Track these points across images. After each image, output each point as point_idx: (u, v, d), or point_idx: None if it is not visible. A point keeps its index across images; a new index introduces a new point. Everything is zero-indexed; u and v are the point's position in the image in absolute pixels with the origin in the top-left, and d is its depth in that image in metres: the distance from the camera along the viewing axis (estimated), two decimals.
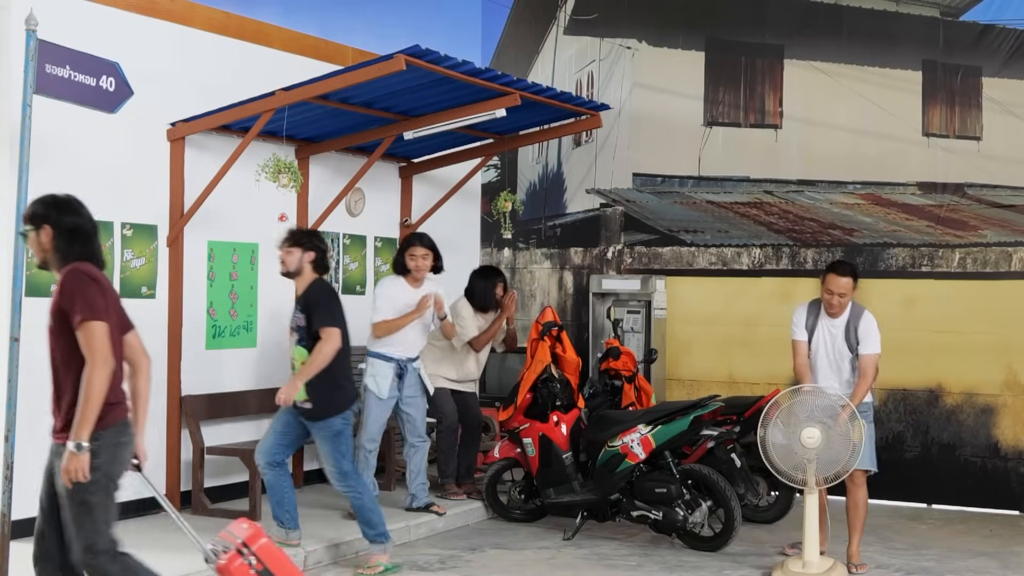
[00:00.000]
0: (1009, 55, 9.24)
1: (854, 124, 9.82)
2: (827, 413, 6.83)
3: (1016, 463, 9.18)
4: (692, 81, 10.43)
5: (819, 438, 6.79)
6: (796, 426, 6.85)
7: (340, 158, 9.40)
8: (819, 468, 6.85)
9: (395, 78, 7.50)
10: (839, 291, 7.03)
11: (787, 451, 6.91)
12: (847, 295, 7.05)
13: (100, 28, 7.61)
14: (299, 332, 6.88)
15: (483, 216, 11.27)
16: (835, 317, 7.13)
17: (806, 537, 6.97)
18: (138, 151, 7.88)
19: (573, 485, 8.01)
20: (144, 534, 7.42)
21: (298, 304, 6.95)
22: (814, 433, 6.79)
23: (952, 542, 8.15)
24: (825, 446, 6.79)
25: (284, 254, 7.04)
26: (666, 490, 7.59)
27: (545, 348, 8.20)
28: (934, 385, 9.45)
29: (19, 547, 6.51)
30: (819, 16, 9.98)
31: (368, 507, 6.97)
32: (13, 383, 5.81)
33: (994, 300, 9.23)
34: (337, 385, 6.89)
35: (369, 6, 10.62)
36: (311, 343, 6.79)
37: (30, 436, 6.83)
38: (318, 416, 6.85)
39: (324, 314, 6.78)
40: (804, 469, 6.88)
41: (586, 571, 7.22)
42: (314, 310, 6.81)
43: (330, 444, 6.88)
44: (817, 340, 7.19)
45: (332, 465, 6.93)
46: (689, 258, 10.45)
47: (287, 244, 7.04)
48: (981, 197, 9.37)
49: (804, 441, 6.80)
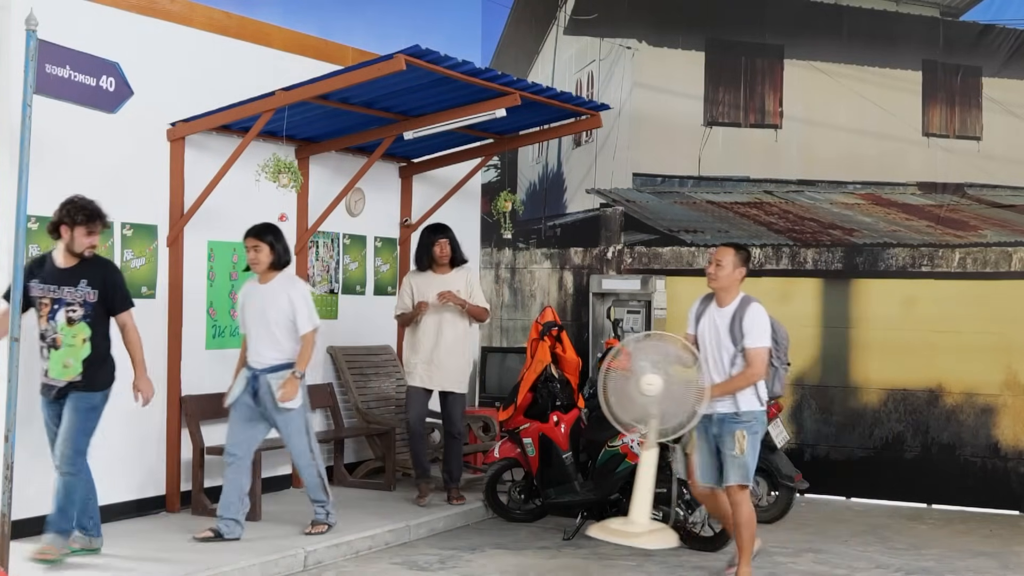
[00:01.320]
0: (1009, 55, 9.24)
1: (854, 124, 9.82)
2: (670, 361, 6.47)
3: (1016, 463, 9.18)
4: (692, 81, 10.43)
5: (659, 386, 6.36)
6: (638, 373, 6.44)
7: (340, 158, 9.40)
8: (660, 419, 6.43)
9: (395, 78, 7.50)
10: (718, 258, 6.60)
11: (628, 400, 6.50)
12: (726, 267, 6.57)
13: (100, 28, 7.60)
14: (86, 308, 6.53)
15: (483, 216, 11.27)
16: (714, 290, 6.65)
17: (636, 498, 6.53)
18: (138, 151, 7.88)
19: (573, 485, 8.01)
20: (144, 534, 7.43)
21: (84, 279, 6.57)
22: (655, 380, 6.37)
23: (952, 542, 8.15)
24: (665, 396, 6.36)
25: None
26: (666, 490, 7.59)
27: (545, 348, 8.20)
28: (934, 385, 9.45)
29: (19, 547, 6.51)
30: (819, 16, 9.98)
31: (74, 496, 6.57)
32: (13, 383, 5.80)
33: (994, 300, 9.23)
34: (107, 359, 6.69)
35: (369, 6, 10.63)
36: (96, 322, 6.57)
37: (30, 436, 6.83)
38: (85, 388, 6.55)
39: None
40: (646, 421, 6.48)
41: (586, 571, 7.22)
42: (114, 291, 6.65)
43: (80, 417, 6.51)
44: (701, 330, 6.69)
45: (70, 439, 6.51)
46: (689, 258, 10.44)
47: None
48: (981, 197, 9.37)
49: (644, 388, 6.39)
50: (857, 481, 9.68)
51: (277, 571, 6.88)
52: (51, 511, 6.58)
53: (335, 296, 9.63)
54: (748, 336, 6.48)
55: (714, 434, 6.61)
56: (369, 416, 9.36)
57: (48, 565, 6.47)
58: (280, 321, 7.31)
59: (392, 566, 7.23)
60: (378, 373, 9.78)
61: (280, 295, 7.32)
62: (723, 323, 6.57)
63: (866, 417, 9.68)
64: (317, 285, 9.38)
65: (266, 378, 7.30)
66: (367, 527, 7.75)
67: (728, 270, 6.58)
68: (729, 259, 6.59)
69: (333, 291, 9.62)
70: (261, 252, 7.32)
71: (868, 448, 9.66)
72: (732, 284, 6.62)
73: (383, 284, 10.12)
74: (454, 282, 8.53)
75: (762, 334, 6.51)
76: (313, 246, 9.36)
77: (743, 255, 6.68)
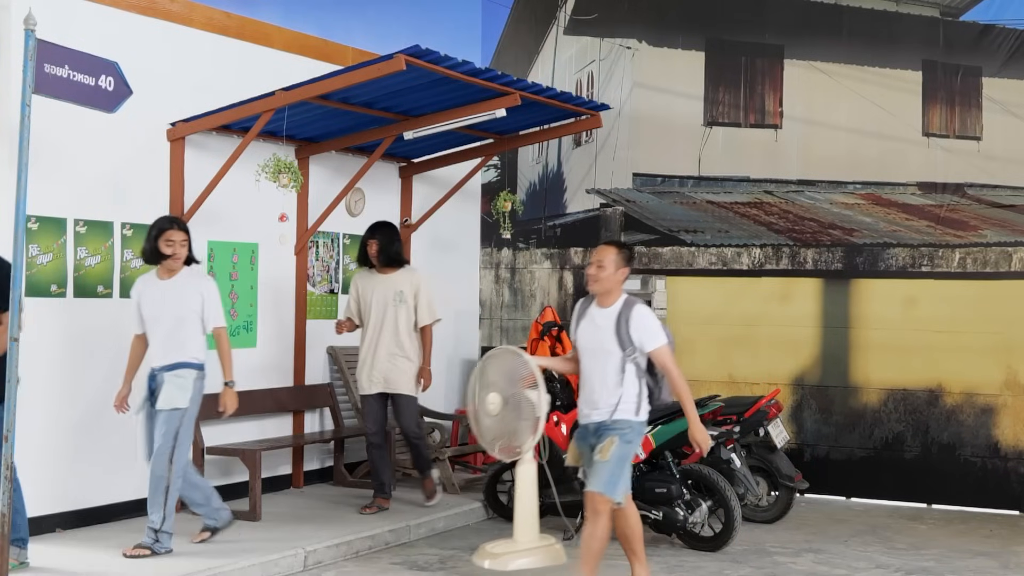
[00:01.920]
0: (1009, 55, 9.24)
1: (854, 124, 9.81)
2: (511, 377, 6.20)
3: (1016, 463, 9.17)
4: (692, 81, 10.43)
5: (499, 404, 6.14)
6: (484, 389, 6.24)
7: (340, 158, 9.40)
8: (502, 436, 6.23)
9: (395, 78, 7.50)
10: (598, 259, 6.09)
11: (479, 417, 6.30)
12: (607, 268, 6.05)
13: (99, 28, 7.61)
14: None
15: (483, 216, 11.27)
16: (595, 293, 6.12)
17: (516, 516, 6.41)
18: (138, 151, 7.88)
19: (573, 485, 8.00)
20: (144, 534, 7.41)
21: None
22: (495, 399, 6.15)
23: (952, 542, 8.15)
24: (503, 415, 6.15)
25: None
26: (666, 490, 7.59)
27: (545, 348, 8.21)
28: (934, 385, 9.45)
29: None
30: (819, 16, 9.97)
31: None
32: (13, 383, 5.80)
33: (994, 300, 9.22)
34: None
35: (369, 6, 10.61)
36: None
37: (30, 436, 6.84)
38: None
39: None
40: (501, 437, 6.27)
41: None
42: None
43: None
44: (579, 333, 6.16)
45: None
46: (689, 258, 10.44)
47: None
48: (981, 197, 9.37)
49: (487, 407, 6.19)
50: (857, 481, 9.67)
51: (277, 571, 6.88)
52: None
53: (335, 296, 9.63)
54: (644, 338, 5.95)
55: (591, 444, 6.11)
56: None
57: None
58: (187, 317, 6.93)
59: (392, 566, 7.23)
60: None
61: (190, 291, 6.94)
62: (606, 325, 6.01)
63: (866, 417, 9.68)
64: (317, 285, 9.39)
65: (163, 376, 6.88)
66: (367, 527, 7.75)
67: (610, 270, 6.07)
68: (611, 259, 6.08)
69: (333, 291, 9.62)
70: (185, 247, 6.96)
71: (868, 448, 9.66)
72: (615, 285, 6.10)
73: None
74: (398, 283, 8.26)
75: (658, 332, 6.00)
76: (313, 246, 9.37)
77: (625, 254, 6.17)
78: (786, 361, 9.96)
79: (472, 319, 11.29)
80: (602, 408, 6.01)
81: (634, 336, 5.94)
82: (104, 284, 7.67)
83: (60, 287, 7.40)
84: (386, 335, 8.21)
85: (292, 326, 9.12)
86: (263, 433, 8.80)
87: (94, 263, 7.60)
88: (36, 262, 7.21)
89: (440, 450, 9.17)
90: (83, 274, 7.52)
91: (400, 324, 8.23)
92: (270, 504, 8.27)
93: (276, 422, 8.98)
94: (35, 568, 6.48)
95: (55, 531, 7.26)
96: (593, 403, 6.06)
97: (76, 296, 7.48)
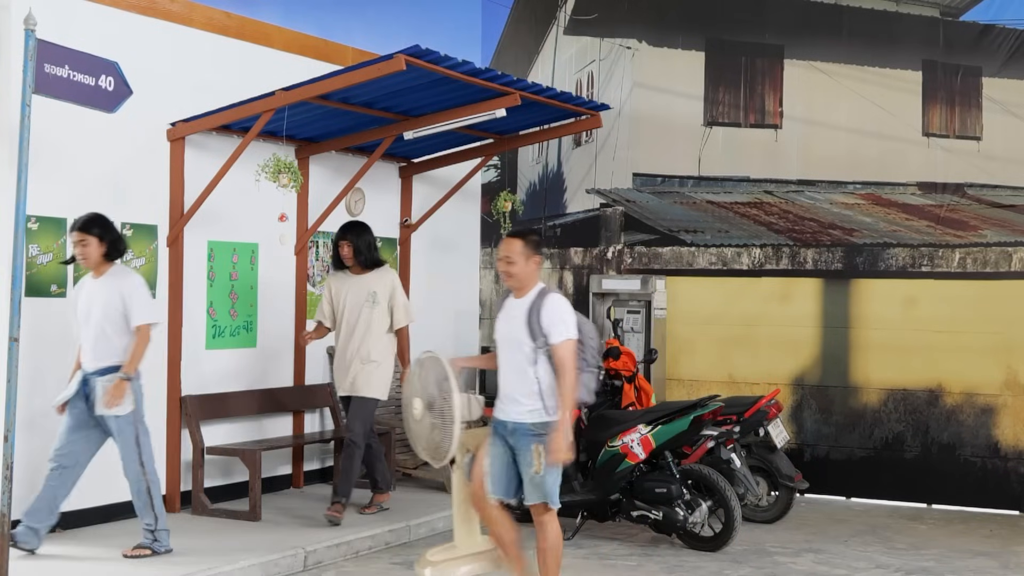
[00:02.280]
0: (1009, 55, 9.24)
1: (854, 124, 9.82)
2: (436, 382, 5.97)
3: (1016, 463, 9.17)
4: (692, 81, 10.43)
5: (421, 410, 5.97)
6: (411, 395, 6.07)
7: (340, 158, 9.40)
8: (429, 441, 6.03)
9: (395, 78, 7.50)
10: (505, 254, 5.81)
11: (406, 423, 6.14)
12: (517, 262, 5.77)
13: (99, 28, 7.60)
14: None
15: (483, 216, 11.27)
16: (511, 288, 5.89)
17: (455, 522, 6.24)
18: (138, 151, 7.88)
19: (573, 485, 8.00)
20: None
21: None
22: (418, 405, 5.99)
23: (952, 542, 8.15)
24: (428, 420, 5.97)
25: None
26: (666, 490, 7.59)
27: None
28: (934, 385, 9.45)
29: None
30: (819, 16, 9.98)
31: None
32: (13, 383, 5.80)
33: (994, 300, 9.23)
34: None
35: (369, 6, 10.61)
36: None
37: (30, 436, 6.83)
38: None
39: None
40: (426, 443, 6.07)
41: (586, 571, 7.21)
42: None
43: None
44: (497, 326, 5.96)
45: None
46: (689, 258, 10.44)
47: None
48: (981, 197, 9.37)
49: (412, 412, 6.02)
50: (857, 481, 9.68)
51: (277, 571, 6.88)
52: None
53: None
54: (552, 331, 5.67)
55: (511, 444, 5.82)
56: None
57: None
58: (112, 317, 6.67)
59: (392, 566, 7.22)
60: None
61: (111, 289, 6.71)
62: (519, 315, 5.77)
63: (866, 417, 9.68)
64: (317, 285, 9.38)
65: (95, 380, 6.67)
66: (367, 527, 7.75)
67: (520, 264, 5.79)
68: (517, 251, 5.79)
69: None
70: (89, 246, 6.69)
71: (868, 448, 9.66)
72: (529, 277, 5.82)
73: None
74: (372, 284, 8.10)
75: (567, 326, 5.70)
76: (313, 246, 9.36)
77: (532, 242, 5.85)
78: (786, 361, 9.96)
79: (472, 319, 11.30)
80: (517, 403, 5.75)
81: (544, 326, 5.68)
82: None
83: (60, 287, 7.40)
84: (357, 337, 8.06)
85: (292, 326, 9.12)
86: (263, 433, 8.81)
87: None
88: (36, 262, 7.21)
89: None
90: (83, 274, 7.51)
91: (373, 325, 8.07)
92: (270, 504, 8.27)
93: (276, 422, 8.99)
94: (36, 568, 6.48)
95: (55, 531, 7.26)
96: (506, 396, 5.81)
97: None
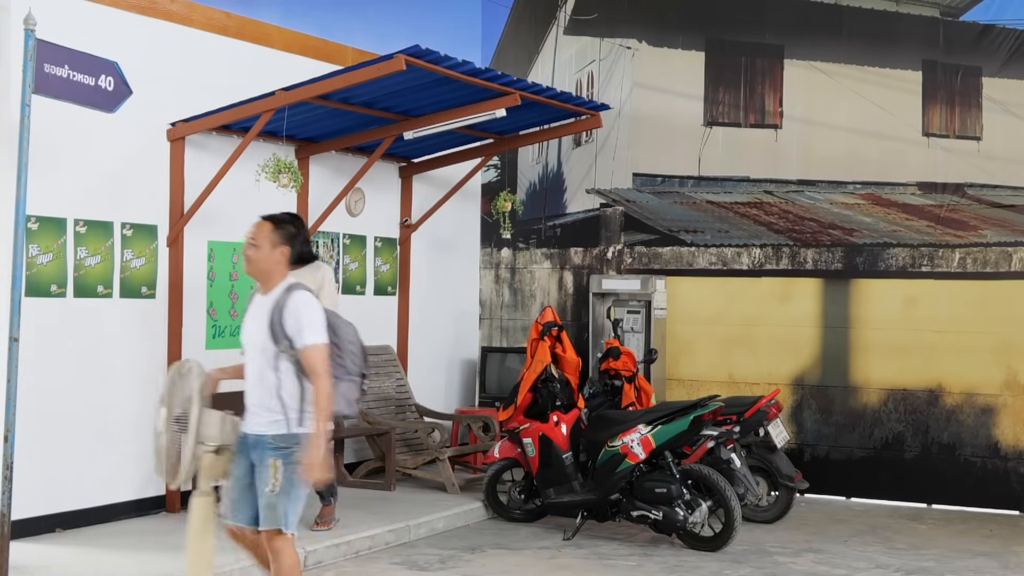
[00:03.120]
0: (1009, 55, 9.24)
1: (854, 124, 9.82)
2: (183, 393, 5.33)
3: (1016, 463, 9.17)
4: (692, 81, 10.43)
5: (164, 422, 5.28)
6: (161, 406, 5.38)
7: (340, 158, 9.40)
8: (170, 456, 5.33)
9: (395, 78, 7.50)
10: (251, 236, 5.26)
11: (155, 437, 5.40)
12: (261, 246, 5.22)
13: (99, 28, 7.60)
14: None
15: (483, 216, 11.27)
16: (250, 275, 5.37)
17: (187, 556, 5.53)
18: (138, 151, 7.88)
19: (573, 485, 8.02)
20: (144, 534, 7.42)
21: None
22: (162, 413, 5.30)
23: (952, 542, 8.15)
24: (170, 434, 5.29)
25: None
26: (666, 490, 7.59)
27: (545, 348, 8.20)
28: (934, 385, 9.45)
29: (19, 547, 6.52)
30: (819, 16, 9.98)
31: None
32: (13, 383, 5.80)
33: (994, 300, 9.23)
34: None
35: (369, 6, 10.61)
36: None
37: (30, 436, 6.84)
38: None
39: None
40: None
41: (586, 571, 7.22)
42: None
43: None
44: (244, 326, 5.34)
45: None
46: (689, 258, 10.44)
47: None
48: (981, 197, 9.37)
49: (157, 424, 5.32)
50: (857, 481, 9.68)
51: None
52: None
53: None
54: (296, 335, 5.05)
55: (252, 461, 5.20)
56: (369, 416, 9.35)
57: None
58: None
59: (392, 566, 7.23)
60: (378, 373, 9.77)
61: None
62: (262, 314, 5.16)
63: (866, 417, 9.68)
64: None
65: None
66: (367, 527, 7.75)
67: (265, 249, 5.21)
68: (264, 235, 5.23)
69: None
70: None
71: (868, 448, 9.66)
72: (274, 267, 5.24)
73: (383, 284, 10.12)
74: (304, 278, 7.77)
75: (316, 328, 5.09)
76: (313, 246, 9.36)
77: (285, 231, 5.30)
78: (786, 361, 9.96)
79: (472, 319, 11.30)
80: (257, 414, 5.16)
81: (288, 327, 5.06)
82: (104, 284, 7.67)
83: (60, 287, 7.40)
84: None
85: None
86: None
87: (94, 263, 7.60)
88: (36, 262, 7.21)
89: (440, 450, 9.18)
90: (83, 274, 7.52)
91: None
92: None
93: None
94: (36, 568, 6.48)
95: (55, 531, 7.26)
96: (249, 406, 5.21)
97: (76, 296, 7.48)
